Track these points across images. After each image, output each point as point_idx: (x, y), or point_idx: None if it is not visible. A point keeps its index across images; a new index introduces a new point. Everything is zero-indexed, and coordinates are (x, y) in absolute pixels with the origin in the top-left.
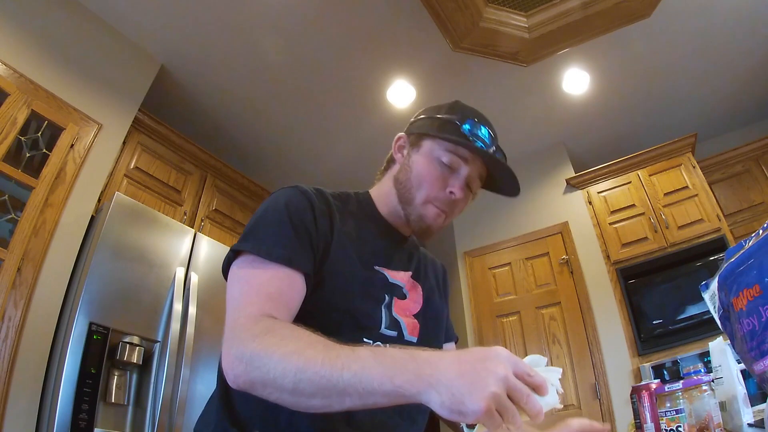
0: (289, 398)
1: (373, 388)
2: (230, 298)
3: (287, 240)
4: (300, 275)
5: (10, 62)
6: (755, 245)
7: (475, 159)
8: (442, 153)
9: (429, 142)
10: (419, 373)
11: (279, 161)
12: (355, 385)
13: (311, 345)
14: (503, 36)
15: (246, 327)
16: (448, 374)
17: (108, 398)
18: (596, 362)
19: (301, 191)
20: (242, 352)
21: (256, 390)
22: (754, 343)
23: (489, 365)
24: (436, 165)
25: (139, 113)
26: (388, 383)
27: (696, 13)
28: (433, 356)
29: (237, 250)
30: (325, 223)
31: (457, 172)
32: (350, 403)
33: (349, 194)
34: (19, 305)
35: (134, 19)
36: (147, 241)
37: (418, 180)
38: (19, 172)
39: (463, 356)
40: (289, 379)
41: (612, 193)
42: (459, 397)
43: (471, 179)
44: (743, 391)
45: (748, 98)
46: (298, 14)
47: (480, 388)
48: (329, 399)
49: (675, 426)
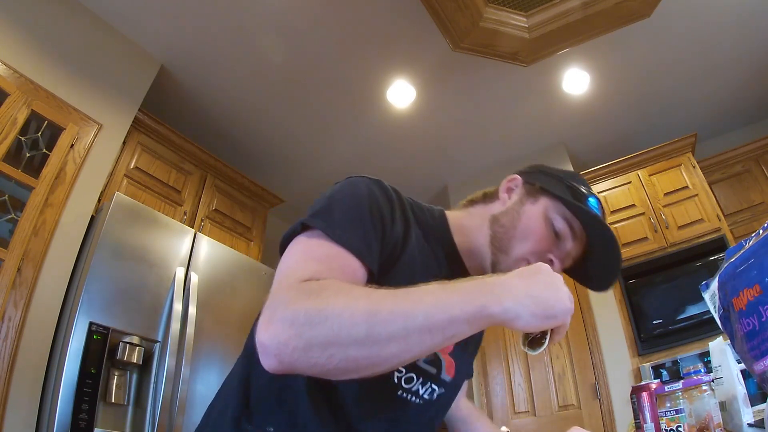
0: (360, 352)
1: (454, 315)
2: (281, 268)
3: (362, 231)
4: (365, 270)
5: (10, 62)
6: (755, 245)
7: (582, 238)
8: (557, 217)
9: (547, 200)
10: (496, 293)
11: (279, 161)
12: (435, 317)
13: (374, 290)
14: (503, 36)
15: (294, 289)
16: (525, 288)
17: (108, 398)
18: (596, 362)
19: (382, 186)
20: (294, 312)
21: (311, 356)
22: (754, 343)
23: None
24: (548, 226)
25: (139, 113)
26: (469, 306)
27: (696, 13)
28: (497, 278)
29: (306, 224)
30: (400, 228)
31: (563, 243)
32: (430, 341)
33: (422, 207)
34: (19, 305)
35: (134, 19)
36: (147, 241)
37: (524, 233)
38: (19, 172)
39: (520, 273)
40: (360, 327)
41: (612, 193)
42: (547, 303)
43: (568, 256)
44: (743, 391)
45: (748, 98)
46: (298, 14)
47: (559, 289)
48: (407, 340)
49: (675, 426)
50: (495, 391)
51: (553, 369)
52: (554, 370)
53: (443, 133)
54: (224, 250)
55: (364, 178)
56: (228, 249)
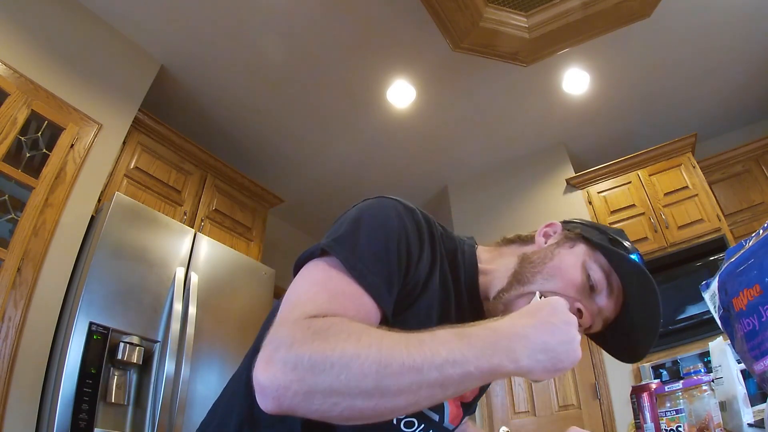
0: (366, 403)
1: (469, 372)
2: (289, 295)
3: (386, 270)
4: (379, 313)
5: (10, 62)
6: (755, 245)
7: (619, 299)
8: (594, 267)
9: (586, 248)
10: (512, 348)
11: (279, 161)
12: (449, 371)
13: (386, 335)
14: (503, 36)
15: (299, 326)
16: (540, 338)
17: (108, 398)
18: (596, 362)
19: (416, 216)
20: (297, 355)
21: (312, 403)
22: (754, 343)
23: (563, 316)
24: (582, 272)
25: (139, 113)
26: (485, 364)
27: (696, 12)
28: (512, 326)
29: (325, 250)
30: (426, 266)
31: (597, 297)
32: (442, 395)
33: (453, 238)
34: (19, 305)
35: (134, 19)
36: (147, 241)
37: (552, 270)
38: (19, 172)
39: (535, 314)
40: (369, 379)
41: (612, 193)
42: (558, 357)
43: (600, 314)
44: (743, 391)
45: (748, 98)
46: (298, 14)
47: (571, 340)
48: (417, 394)
49: (675, 426)
50: (495, 391)
51: None
52: None
53: (443, 133)
54: (224, 250)
55: (397, 202)
56: (228, 249)
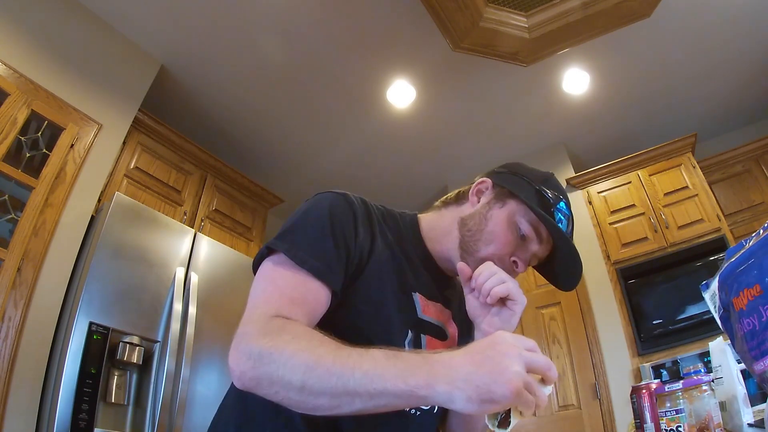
0: (296, 397)
1: (385, 388)
2: (251, 295)
3: (324, 251)
4: (328, 291)
5: (10, 62)
6: (755, 245)
7: (549, 241)
8: (523, 221)
9: (515, 204)
10: (433, 373)
11: (279, 161)
12: (366, 385)
13: (323, 344)
14: (503, 36)
15: (259, 324)
16: (465, 368)
17: (108, 398)
18: (596, 362)
19: (347, 200)
20: (251, 348)
21: (262, 388)
22: (754, 343)
23: (501, 348)
24: (513, 230)
25: (139, 113)
26: (401, 383)
27: (696, 12)
28: (444, 356)
29: (271, 248)
30: (366, 241)
31: (528, 246)
32: (360, 405)
33: (394, 213)
34: (19, 305)
35: (134, 19)
36: (147, 241)
37: (490, 236)
38: (19, 172)
39: (472, 349)
40: (297, 377)
41: (612, 193)
42: (485, 387)
43: (534, 257)
44: (743, 391)
45: (748, 98)
46: (298, 14)
47: (502, 371)
48: (338, 399)
49: (675, 426)
50: None
51: None
52: None
53: (443, 133)
54: (224, 250)
55: (328, 193)
56: (228, 249)
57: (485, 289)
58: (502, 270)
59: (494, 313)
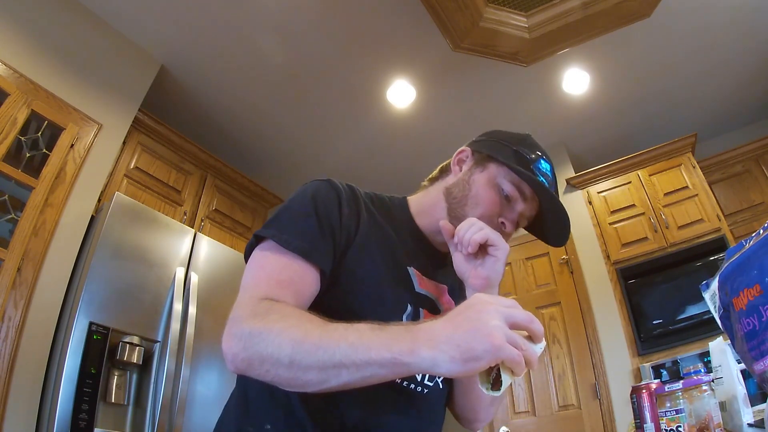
0: (286, 373)
1: (370, 357)
2: (242, 282)
3: (309, 232)
4: (315, 270)
5: (10, 62)
6: (755, 245)
7: (534, 199)
8: (505, 182)
9: (495, 167)
10: (416, 339)
11: (279, 161)
12: (351, 356)
13: (311, 321)
14: (503, 36)
15: (248, 307)
16: (446, 332)
17: (108, 398)
18: (596, 362)
19: (331, 185)
20: (242, 329)
21: (254, 368)
22: (754, 343)
23: (478, 306)
24: (496, 191)
25: (139, 113)
26: (385, 352)
27: (696, 12)
28: (426, 324)
29: (258, 236)
30: (352, 219)
31: (514, 206)
32: (347, 377)
33: (382, 197)
34: (19, 305)
35: (134, 19)
36: (147, 241)
37: (475, 200)
38: (19, 172)
39: (451, 314)
40: (285, 352)
41: (612, 193)
42: (466, 345)
43: (522, 217)
44: (743, 391)
45: (748, 98)
46: (298, 14)
47: (481, 326)
48: (325, 372)
49: (675, 426)
50: None
51: (553, 369)
52: (554, 370)
53: (443, 133)
54: (224, 250)
55: (314, 181)
56: (228, 249)
57: (465, 239)
58: (482, 222)
59: (479, 264)
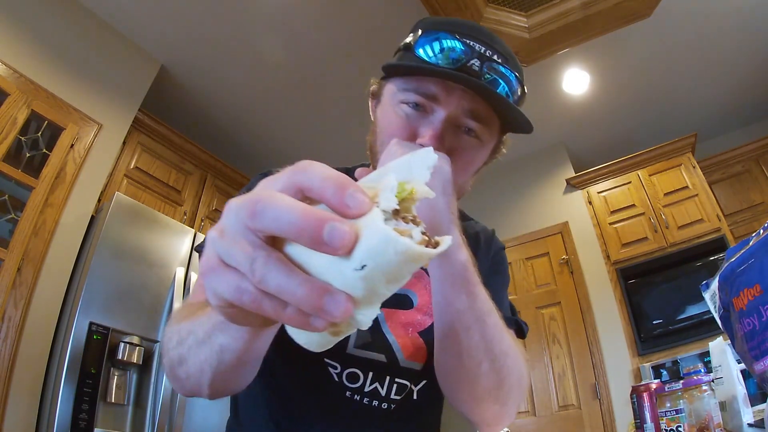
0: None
1: (214, 323)
2: None
3: None
4: None
5: (10, 62)
6: (756, 245)
7: (453, 91)
8: (403, 94)
9: (389, 85)
10: None
11: (279, 161)
12: (200, 329)
13: (190, 313)
14: (503, 36)
15: (172, 317)
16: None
17: (108, 398)
18: (596, 362)
19: (271, 172)
20: (162, 343)
21: (178, 376)
22: (754, 343)
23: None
24: (400, 111)
25: (139, 113)
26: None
27: (696, 13)
28: None
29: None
30: None
31: (431, 115)
32: (205, 355)
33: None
34: (19, 305)
35: (134, 19)
36: (147, 241)
37: (382, 135)
38: (19, 172)
39: None
40: (175, 353)
41: (612, 193)
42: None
43: (457, 119)
44: (743, 391)
45: (748, 98)
46: (299, 15)
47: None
48: (197, 356)
49: (675, 426)
50: None
51: (553, 369)
52: (554, 370)
53: None
54: None
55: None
56: None
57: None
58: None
59: None
